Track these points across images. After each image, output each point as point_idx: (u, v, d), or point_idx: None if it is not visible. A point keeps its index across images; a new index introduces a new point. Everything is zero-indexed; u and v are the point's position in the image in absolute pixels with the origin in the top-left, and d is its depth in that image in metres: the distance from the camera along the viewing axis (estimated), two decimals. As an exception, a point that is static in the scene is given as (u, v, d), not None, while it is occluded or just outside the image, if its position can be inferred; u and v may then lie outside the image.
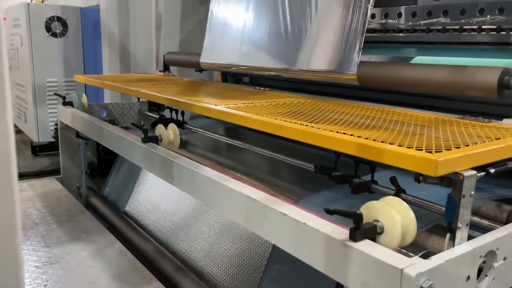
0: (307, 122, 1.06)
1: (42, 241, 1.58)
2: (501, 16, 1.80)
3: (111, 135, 1.70)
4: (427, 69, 1.24)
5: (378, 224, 0.77)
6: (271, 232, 0.91)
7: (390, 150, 0.78)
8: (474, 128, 1.00)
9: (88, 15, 2.94)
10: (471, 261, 0.74)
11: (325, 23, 1.55)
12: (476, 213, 1.05)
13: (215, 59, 2.06)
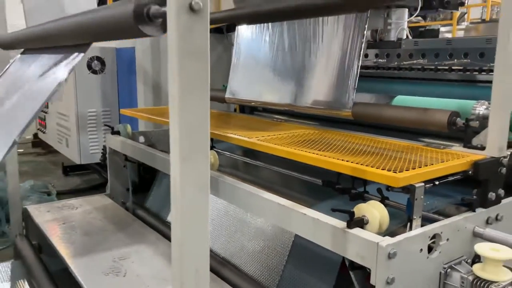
0: (316, 151, 1.52)
1: (111, 242, 2.03)
2: (466, 60, 2.30)
3: (158, 157, 2.16)
4: (401, 110, 1.71)
5: (364, 218, 1.22)
6: (295, 226, 1.37)
7: (371, 171, 1.24)
8: (431, 153, 1.47)
9: (123, 55, 3.45)
10: (422, 239, 1.20)
11: (327, 69, 2.02)
12: (441, 213, 1.49)
13: (238, 95, 2.54)
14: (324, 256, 1.53)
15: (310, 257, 1.61)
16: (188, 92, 0.73)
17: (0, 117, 1.41)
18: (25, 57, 1.76)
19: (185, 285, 0.74)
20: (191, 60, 0.71)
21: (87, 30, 1.10)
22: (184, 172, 0.72)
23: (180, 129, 0.74)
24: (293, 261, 1.66)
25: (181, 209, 0.74)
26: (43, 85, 1.29)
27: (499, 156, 1.40)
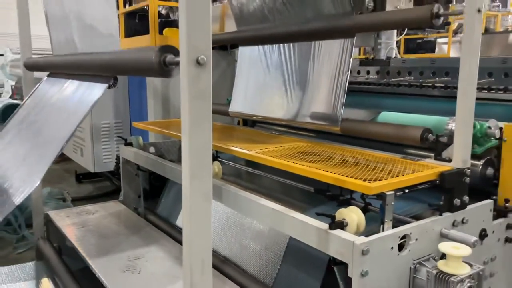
0: (306, 162, 1.75)
1: (126, 244, 2.26)
2: (447, 78, 2.52)
3: (167, 167, 2.39)
4: (383, 126, 1.93)
5: (344, 221, 1.44)
6: (287, 228, 1.59)
7: (349, 181, 1.47)
8: (406, 165, 1.69)
9: (134, 70, 3.70)
10: (392, 239, 1.41)
11: (318, 88, 2.24)
12: (419, 217, 1.71)
13: (241, 109, 2.77)
14: (314, 255, 1.75)
15: (303, 256, 1.83)
16: (195, 123, 0.97)
17: (35, 136, 1.65)
18: (53, 80, 2.01)
19: (194, 271, 0.97)
20: (198, 99, 0.94)
21: (115, 67, 1.35)
22: (193, 185, 0.96)
23: (190, 151, 0.97)
24: (288, 260, 1.88)
25: (190, 212, 0.97)
26: (73, 109, 1.53)
27: (463, 167, 1.62)
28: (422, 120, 2.01)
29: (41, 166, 1.55)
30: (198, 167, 0.97)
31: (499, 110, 2.23)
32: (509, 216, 1.85)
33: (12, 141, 1.87)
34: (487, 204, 1.74)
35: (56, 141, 1.44)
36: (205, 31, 0.93)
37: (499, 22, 6.46)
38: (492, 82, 2.25)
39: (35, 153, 1.67)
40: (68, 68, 1.82)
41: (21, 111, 2.08)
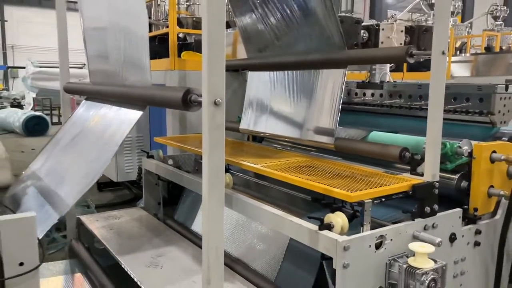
0: (303, 175, 2.09)
1: (149, 244, 2.62)
2: (432, 100, 2.82)
3: (185, 178, 2.75)
4: (369, 145, 2.27)
5: (331, 223, 1.78)
6: (286, 229, 1.93)
7: (335, 191, 1.80)
8: (386, 178, 2.02)
9: (154, 89, 4.10)
10: (370, 238, 1.74)
11: (315, 110, 2.59)
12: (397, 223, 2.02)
13: (250, 127, 3.12)
14: (309, 254, 2.08)
15: (301, 254, 2.16)
16: (212, 146, 1.32)
17: (78, 156, 2.02)
18: (91, 104, 2.39)
19: (210, 255, 1.32)
20: (214, 131, 1.30)
21: (149, 101, 1.71)
22: (210, 191, 1.31)
23: (209, 166, 1.32)
24: (288, 258, 2.21)
25: (208, 211, 1.32)
26: (112, 132, 1.90)
27: (432, 180, 1.94)
28: (404, 139, 2.34)
29: (84, 183, 1.92)
30: (214, 178, 1.32)
31: (476, 131, 2.56)
32: (478, 223, 2.17)
33: (56, 159, 2.24)
34: (456, 212, 2.06)
35: (95, 163, 1.80)
36: (221, 81, 1.29)
37: (498, 41, 6.74)
38: (470, 106, 2.56)
39: (78, 171, 2.04)
40: (105, 96, 2.19)
41: (62, 131, 2.46)
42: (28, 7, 23.50)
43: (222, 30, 1.26)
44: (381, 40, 2.97)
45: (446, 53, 1.89)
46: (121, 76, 2.03)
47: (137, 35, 2.10)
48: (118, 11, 2.28)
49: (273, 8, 2.78)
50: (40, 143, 10.09)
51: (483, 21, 9.01)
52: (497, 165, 2.20)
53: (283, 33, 2.77)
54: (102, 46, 2.52)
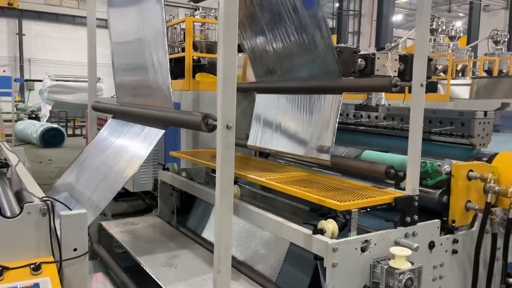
0: (302, 187, 2.40)
1: (164, 247, 2.93)
2: (421, 123, 3.12)
3: (197, 188, 3.07)
4: (360, 162, 2.58)
5: (323, 229, 2.08)
6: (285, 234, 2.23)
7: (327, 201, 2.11)
8: (373, 191, 2.32)
9: (170, 107, 4.47)
10: (356, 242, 2.04)
11: (314, 130, 2.91)
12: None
13: (257, 143, 3.45)
14: (307, 256, 2.38)
15: (299, 257, 2.45)
16: (224, 162, 1.65)
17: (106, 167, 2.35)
18: (116, 122, 2.73)
19: (221, 249, 1.64)
20: (226, 149, 1.63)
21: (171, 122, 2.05)
22: (222, 199, 1.63)
23: (221, 178, 1.65)
24: (288, 260, 2.51)
25: (219, 215, 1.65)
26: (136, 148, 2.24)
27: (412, 194, 2.25)
28: (392, 158, 2.65)
29: (107, 194, 2.25)
30: (225, 188, 1.64)
31: (459, 152, 2.85)
32: (456, 233, 2.45)
33: (87, 170, 2.58)
34: (435, 223, 2.35)
35: (119, 176, 2.13)
36: (232, 109, 1.62)
37: (497, 65, 7.03)
38: (453, 129, 2.86)
39: (106, 181, 2.37)
40: (130, 116, 2.54)
41: (91, 145, 2.80)
42: (46, 22, 24.31)
43: (234, 70, 1.60)
44: (376, 67, 3.28)
45: (424, 85, 2.21)
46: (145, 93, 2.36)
47: (160, 59, 2.44)
48: (142, 33, 2.63)
49: (278, 35, 3.12)
50: (57, 154, 10.54)
51: (491, 44, 9.32)
52: (473, 183, 2.49)
53: (287, 59, 3.12)
54: (127, 61, 2.87)
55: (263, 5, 3.09)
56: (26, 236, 1.46)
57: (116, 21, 3.11)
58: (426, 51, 2.22)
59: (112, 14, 3.14)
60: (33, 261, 1.41)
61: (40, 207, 1.48)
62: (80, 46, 23.21)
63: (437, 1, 23.58)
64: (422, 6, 2.12)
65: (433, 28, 7.99)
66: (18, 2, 23.30)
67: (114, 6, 3.12)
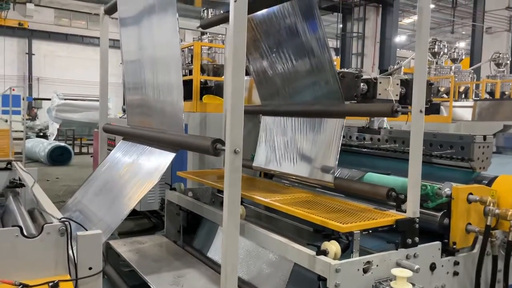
0: (306, 209, 2.47)
1: (171, 266, 2.99)
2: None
3: (204, 208, 3.14)
4: (363, 185, 2.65)
5: (326, 250, 2.14)
6: (289, 255, 2.30)
7: (330, 223, 2.18)
8: (374, 213, 2.39)
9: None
10: (358, 263, 2.10)
11: (318, 153, 2.99)
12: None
13: (262, 165, 3.54)
14: (310, 277, 2.43)
15: (303, 277, 2.51)
16: (231, 185, 1.74)
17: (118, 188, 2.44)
18: (128, 144, 2.84)
19: (227, 269, 1.71)
20: (233, 172, 1.72)
21: (181, 145, 2.15)
22: (229, 219, 1.72)
23: (228, 200, 1.73)
24: (292, 281, 2.57)
25: (226, 234, 1.72)
26: (147, 171, 2.33)
27: (413, 216, 2.31)
28: (394, 181, 2.72)
29: (119, 215, 2.33)
30: (232, 210, 1.73)
31: (460, 175, 2.92)
32: (456, 255, 2.50)
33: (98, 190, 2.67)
34: (436, 244, 2.41)
35: (130, 198, 2.22)
36: (239, 135, 1.72)
37: (498, 88, 7.13)
38: (453, 153, 2.94)
39: (119, 201, 2.46)
40: (140, 138, 2.64)
41: (102, 166, 2.90)
42: (55, 42, 24.83)
43: (242, 98, 1.70)
44: (378, 92, 3.37)
45: (423, 111, 2.30)
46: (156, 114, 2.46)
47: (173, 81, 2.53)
48: (156, 54, 2.74)
49: (281, 59, 3.24)
50: (64, 172, 10.66)
51: (493, 66, 9.45)
52: (474, 205, 2.55)
53: (290, 82, 3.23)
54: (139, 80, 2.98)
55: (267, 29, 3.22)
56: (45, 255, 1.54)
57: (129, 41, 3.23)
58: (424, 79, 2.32)
59: (125, 34, 3.26)
60: (51, 279, 1.49)
61: (59, 227, 1.57)
62: (88, 66, 23.68)
63: (440, 22, 23.89)
64: (420, 39, 2.23)
65: (435, 51, 8.14)
66: (29, 23, 23.86)
67: (126, 26, 3.25)
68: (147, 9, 2.81)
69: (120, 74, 15.90)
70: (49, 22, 24.58)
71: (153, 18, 2.76)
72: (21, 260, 1.52)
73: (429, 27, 2.26)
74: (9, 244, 1.49)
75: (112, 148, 3.88)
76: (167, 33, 2.50)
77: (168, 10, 2.45)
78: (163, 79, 2.65)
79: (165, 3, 2.48)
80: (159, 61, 2.72)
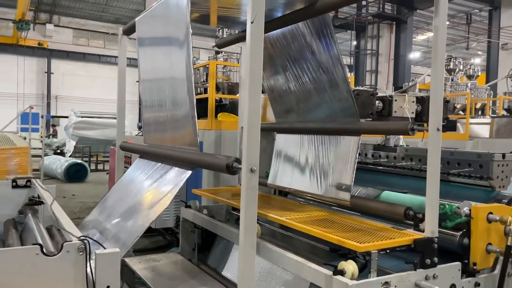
0: (322, 228, 2.45)
1: (186, 284, 2.98)
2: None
3: (218, 226, 3.14)
4: (379, 203, 2.63)
5: (343, 270, 2.12)
6: (305, 274, 2.27)
7: (347, 242, 2.16)
8: (392, 232, 2.36)
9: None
10: (376, 284, 2.06)
11: (334, 172, 2.98)
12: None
13: (277, 182, 3.53)
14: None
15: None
16: (248, 203, 1.74)
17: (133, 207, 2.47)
18: (144, 162, 2.87)
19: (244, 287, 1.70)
20: (249, 191, 1.72)
21: (197, 164, 2.17)
22: (245, 238, 1.71)
23: (245, 219, 1.73)
24: (308, 300, 2.53)
25: (243, 252, 1.72)
26: (164, 188, 2.35)
27: (432, 236, 2.27)
28: (411, 199, 2.69)
29: (135, 232, 2.35)
30: (248, 228, 1.72)
31: (479, 193, 2.87)
32: (477, 276, 2.44)
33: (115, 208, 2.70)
34: (456, 265, 2.36)
35: (146, 215, 2.24)
36: (256, 154, 1.73)
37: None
38: (472, 171, 2.90)
39: (135, 219, 2.48)
40: (157, 156, 2.67)
41: (120, 184, 2.94)
42: (73, 61, 25.42)
43: (258, 119, 1.71)
44: (394, 109, 3.37)
45: (440, 129, 2.28)
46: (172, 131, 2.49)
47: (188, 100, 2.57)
48: (171, 74, 2.79)
49: (296, 76, 3.27)
50: (80, 189, 10.78)
51: (509, 83, 9.34)
52: (494, 225, 2.50)
53: (305, 100, 3.25)
54: (156, 98, 3.03)
55: (281, 47, 3.26)
56: (64, 273, 1.56)
57: (146, 60, 3.31)
58: (441, 96, 2.31)
59: (142, 53, 3.34)
60: (70, 297, 1.50)
61: (78, 246, 1.59)
62: (104, 84, 24.14)
63: (455, 39, 23.82)
64: (436, 57, 2.23)
65: (450, 68, 8.09)
66: (48, 42, 24.52)
67: (144, 45, 3.33)
68: (163, 29, 2.88)
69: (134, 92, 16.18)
70: (68, 42, 25.23)
71: (169, 38, 2.82)
72: (41, 278, 1.54)
73: (445, 45, 2.26)
74: (29, 262, 1.52)
75: (128, 165, 3.92)
76: (181, 53, 2.56)
77: (183, 31, 2.51)
78: (178, 98, 2.69)
79: (181, 24, 2.54)
80: (174, 80, 2.77)
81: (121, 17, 24.17)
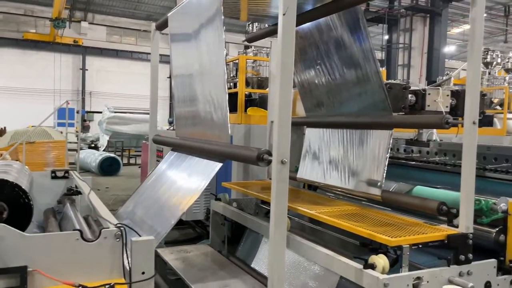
0: (352, 222, 2.44)
1: (216, 276, 3.03)
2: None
3: (248, 219, 3.17)
4: (411, 198, 2.59)
5: (374, 263, 2.10)
6: (336, 268, 2.27)
7: (378, 236, 2.14)
8: (424, 227, 2.32)
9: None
10: (407, 279, 2.04)
11: (364, 167, 2.94)
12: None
13: (306, 176, 3.53)
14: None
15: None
16: (279, 195, 1.75)
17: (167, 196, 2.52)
18: (177, 154, 2.93)
19: (274, 281, 1.72)
20: (280, 183, 1.73)
21: (229, 156, 2.20)
22: (276, 230, 1.73)
23: (275, 211, 1.75)
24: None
25: (273, 245, 1.74)
26: (195, 179, 2.39)
27: (466, 232, 2.22)
28: (445, 194, 2.63)
29: (168, 223, 2.40)
30: (279, 221, 1.74)
31: (516, 189, 2.78)
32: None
33: (149, 198, 2.77)
34: (491, 262, 2.30)
35: (178, 206, 2.29)
36: (287, 146, 1.74)
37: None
38: (509, 167, 2.81)
39: (163, 213, 2.53)
40: (189, 149, 2.72)
41: (154, 175, 3.01)
42: (107, 58, 26.03)
43: (289, 111, 1.72)
44: (427, 103, 3.29)
45: (476, 123, 2.22)
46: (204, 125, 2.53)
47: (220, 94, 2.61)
48: (203, 69, 2.83)
49: (327, 70, 3.24)
50: (113, 182, 11.08)
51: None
52: (532, 222, 2.42)
53: (336, 93, 3.22)
54: (188, 94, 3.09)
55: (313, 40, 3.24)
56: (101, 259, 1.63)
57: (178, 56, 3.36)
58: (478, 88, 2.25)
59: (174, 49, 3.40)
60: (107, 282, 1.57)
61: (115, 232, 1.65)
62: (136, 80, 24.63)
63: (493, 32, 22.93)
64: (472, 49, 2.17)
65: (488, 61, 7.80)
66: (83, 40, 25.20)
67: (176, 41, 3.38)
68: (196, 25, 2.92)
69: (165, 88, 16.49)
70: (101, 39, 25.85)
71: (201, 33, 2.86)
72: (80, 263, 1.61)
73: (482, 37, 2.19)
74: (70, 247, 1.59)
75: (160, 158, 4.01)
76: (214, 48, 2.59)
77: (215, 26, 2.53)
78: (210, 92, 2.73)
79: (213, 19, 2.57)
80: (206, 75, 2.81)
81: (153, 13, 24.54)
